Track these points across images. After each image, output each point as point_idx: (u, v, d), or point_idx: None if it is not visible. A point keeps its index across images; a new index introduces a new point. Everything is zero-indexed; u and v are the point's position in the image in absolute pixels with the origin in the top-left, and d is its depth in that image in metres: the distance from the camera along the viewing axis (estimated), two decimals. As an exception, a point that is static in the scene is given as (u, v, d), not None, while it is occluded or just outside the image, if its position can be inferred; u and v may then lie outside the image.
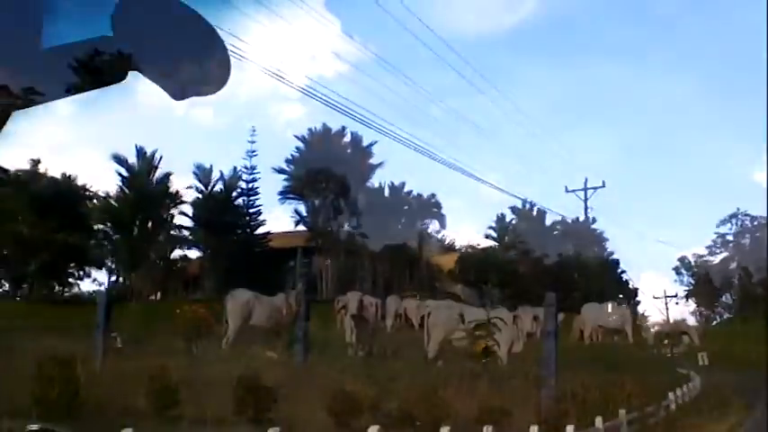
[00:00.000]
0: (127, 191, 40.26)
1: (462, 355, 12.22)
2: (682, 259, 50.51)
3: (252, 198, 48.51)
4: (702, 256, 50.27)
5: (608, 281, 49.74)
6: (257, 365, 7.13)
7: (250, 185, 48.20)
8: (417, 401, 6.41)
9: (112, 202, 38.89)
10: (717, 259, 49.89)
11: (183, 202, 44.31)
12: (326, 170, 48.06)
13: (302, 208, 50.35)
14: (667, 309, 42.24)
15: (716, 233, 49.72)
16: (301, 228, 50.06)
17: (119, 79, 2.88)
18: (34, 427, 4.61)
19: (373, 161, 51.69)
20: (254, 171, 47.40)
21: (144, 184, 40.52)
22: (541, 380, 6.62)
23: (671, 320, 22.23)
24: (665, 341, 21.83)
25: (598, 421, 5.67)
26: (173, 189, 43.31)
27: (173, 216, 44.50)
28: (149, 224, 43.58)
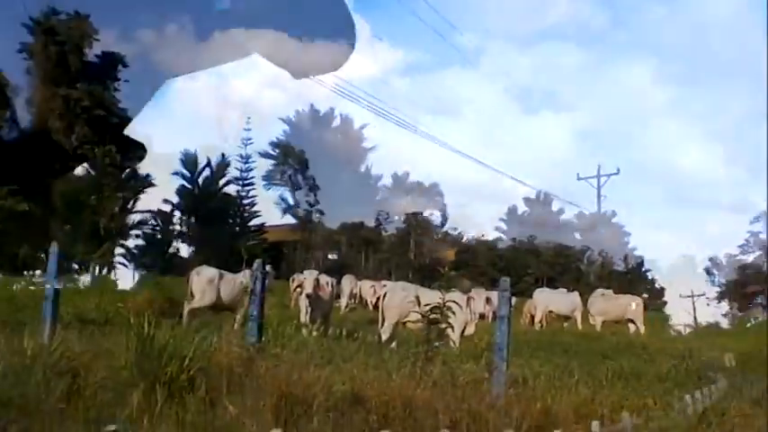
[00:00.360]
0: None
1: (416, 338, 12.34)
2: (713, 259, 49.94)
3: (246, 188, 48.20)
4: (735, 255, 49.51)
5: (634, 279, 49.69)
6: (205, 345, 7.00)
7: (244, 174, 47.93)
8: (371, 383, 6.42)
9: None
10: (750, 258, 49.05)
11: (151, 185, 43.62)
12: (320, 157, 48.43)
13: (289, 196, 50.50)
14: (695, 308, 41.77)
15: (749, 231, 48.94)
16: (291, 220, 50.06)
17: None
18: (112, 427, 4.53)
19: (366, 145, 52.06)
20: (249, 160, 47.11)
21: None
22: (494, 364, 6.66)
23: (619, 308, 22.63)
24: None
25: (595, 425, 5.69)
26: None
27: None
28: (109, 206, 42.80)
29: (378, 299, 23.52)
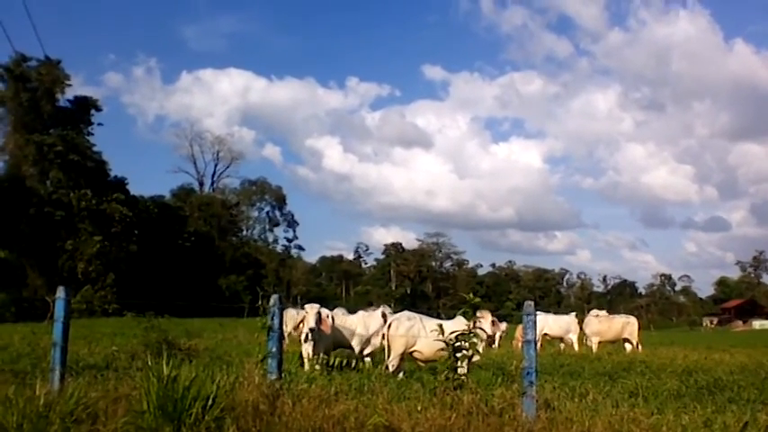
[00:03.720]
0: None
1: (425, 367, 12.18)
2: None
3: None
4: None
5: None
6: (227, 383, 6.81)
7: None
8: (402, 414, 6.26)
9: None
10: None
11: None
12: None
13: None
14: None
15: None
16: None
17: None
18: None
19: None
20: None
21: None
22: (523, 389, 6.55)
23: (615, 329, 22.61)
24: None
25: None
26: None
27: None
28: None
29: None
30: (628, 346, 22.07)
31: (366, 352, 13.93)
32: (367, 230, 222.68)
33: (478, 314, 11.47)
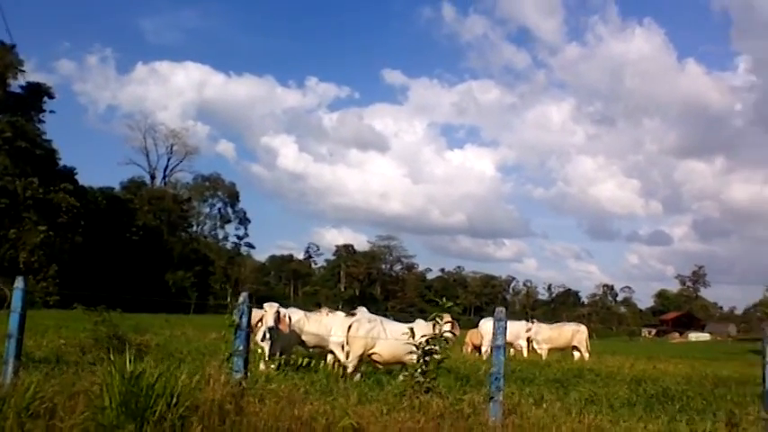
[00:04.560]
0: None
1: (382, 369, 12.19)
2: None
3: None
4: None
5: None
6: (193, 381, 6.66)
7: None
8: (370, 417, 6.24)
9: None
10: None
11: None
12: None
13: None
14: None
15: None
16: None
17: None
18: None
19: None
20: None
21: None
22: (491, 393, 6.59)
23: (565, 336, 23.01)
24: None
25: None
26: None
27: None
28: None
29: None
30: (576, 354, 22.48)
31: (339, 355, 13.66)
32: (318, 231, 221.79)
33: (444, 318, 11.53)
